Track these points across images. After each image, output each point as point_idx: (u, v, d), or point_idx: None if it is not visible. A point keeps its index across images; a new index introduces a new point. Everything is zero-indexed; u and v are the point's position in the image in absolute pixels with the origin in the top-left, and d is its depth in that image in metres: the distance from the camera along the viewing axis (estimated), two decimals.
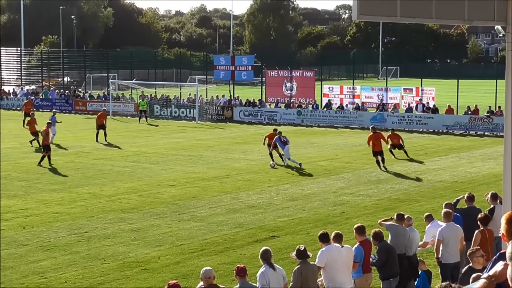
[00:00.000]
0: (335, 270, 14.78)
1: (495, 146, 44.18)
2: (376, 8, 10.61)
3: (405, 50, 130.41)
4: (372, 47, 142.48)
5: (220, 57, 73.80)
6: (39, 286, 18.42)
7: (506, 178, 11.96)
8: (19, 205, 27.62)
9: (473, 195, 19.57)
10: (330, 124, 58.09)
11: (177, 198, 29.04)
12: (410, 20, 12.11)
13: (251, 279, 13.95)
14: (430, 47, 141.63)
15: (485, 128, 53.03)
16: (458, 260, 16.68)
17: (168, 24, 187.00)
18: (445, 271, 16.65)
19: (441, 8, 11.07)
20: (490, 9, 11.52)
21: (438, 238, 16.77)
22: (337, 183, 32.60)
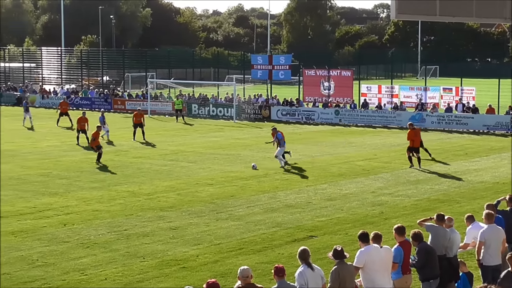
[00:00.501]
0: (373, 271, 14.70)
1: None
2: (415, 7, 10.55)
3: (444, 49, 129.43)
4: (410, 46, 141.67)
5: (258, 56, 73.79)
6: (80, 282, 18.56)
7: None
8: (60, 203, 27.87)
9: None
10: (368, 123, 57.89)
11: (215, 197, 29.10)
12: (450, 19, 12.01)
13: (289, 278, 13.92)
14: (470, 46, 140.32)
15: None
16: (500, 262, 16.49)
17: (206, 23, 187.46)
18: (486, 273, 16.48)
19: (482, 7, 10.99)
20: None
21: (480, 240, 16.60)
22: (376, 183, 32.46)
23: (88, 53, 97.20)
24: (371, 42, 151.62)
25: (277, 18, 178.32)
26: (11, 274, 19.08)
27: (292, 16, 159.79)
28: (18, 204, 27.47)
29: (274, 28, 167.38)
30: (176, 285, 18.31)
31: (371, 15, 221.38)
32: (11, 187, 30.97)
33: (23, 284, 18.40)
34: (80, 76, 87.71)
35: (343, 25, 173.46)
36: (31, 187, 31.04)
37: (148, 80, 72.71)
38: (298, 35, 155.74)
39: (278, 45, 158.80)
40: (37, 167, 36.27)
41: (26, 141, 46.58)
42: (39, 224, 24.46)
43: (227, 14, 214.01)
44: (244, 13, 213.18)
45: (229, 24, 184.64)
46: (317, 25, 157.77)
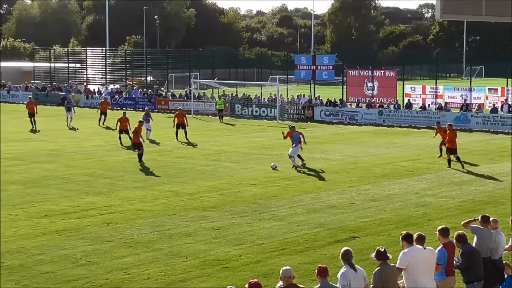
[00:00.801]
0: (417, 272, 14.59)
1: None
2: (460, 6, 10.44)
3: (490, 49, 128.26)
4: (455, 46, 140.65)
5: (301, 56, 73.71)
6: (123, 281, 18.65)
7: None
8: (103, 202, 28.06)
9: None
10: (412, 124, 57.55)
11: (258, 197, 29.10)
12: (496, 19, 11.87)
13: (332, 279, 13.87)
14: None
15: None
16: None
17: (249, 23, 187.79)
18: None
19: None
20: None
21: None
22: (419, 184, 32.24)
23: (132, 53, 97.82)
24: (416, 42, 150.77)
25: (321, 18, 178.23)
26: (55, 273, 19.24)
27: (336, 16, 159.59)
28: (63, 203, 27.71)
29: (318, 28, 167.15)
30: (218, 285, 18.33)
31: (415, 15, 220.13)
32: (55, 186, 31.27)
33: (67, 282, 18.54)
34: (124, 76, 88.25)
35: (387, 25, 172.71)
36: (75, 186, 31.30)
37: (192, 80, 72.95)
38: (342, 35, 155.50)
39: (321, 45, 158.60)
40: (81, 166, 36.57)
41: (70, 140, 47.01)
42: (83, 223, 24.66)
43: (270, 14, 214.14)
44: (288, 13, 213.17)
45: (272, 24, 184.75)
46: (361, 25, 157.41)
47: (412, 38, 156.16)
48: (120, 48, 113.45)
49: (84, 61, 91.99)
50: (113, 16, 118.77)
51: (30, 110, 54.86)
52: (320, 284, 13.28)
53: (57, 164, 37.36)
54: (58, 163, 37.74)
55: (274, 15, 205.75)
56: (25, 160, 38.36)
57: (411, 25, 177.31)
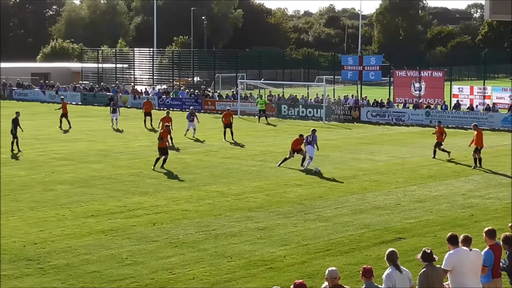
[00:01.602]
0: (462, 274, 14.46)
1: None
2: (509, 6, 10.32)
3: None
4: (504, 46, 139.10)
5: (348, 57, 73.50)
6: (168, 281, 18.73)
7: None
8: (150, 202, 28.22)
9: None
10: (460, 125, 57.07)
11: (303, 198, 29.06)
12: None
13: (377, 280, 13.81)
14: None
15: None
16: None
17: (297, 24, 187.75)
18: None
19: None
20: None
21: None
22: (466, 185, 31.97)
23: (180, 54, 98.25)
24: (464, 42, 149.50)
25: (368, 19, 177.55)
26: (101, 272, 19.39)
27: (383, 16, 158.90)
28: (109, 203, 27.92)
29: (365, 29, 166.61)
30: (263, 285, 18.33)
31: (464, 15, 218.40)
32: (102, 186, 31.52)
33: (113, 282, 18.67)
34: (171, 77, 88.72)
35: (435, 25, 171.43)
36: (122, 186, 31.52)
37: (238, 81, 73.10)
38: (389, 35, 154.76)
39: (369, 45, 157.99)
40: (128, 166, 36.82)
41: (118, 141, 47.36)
42: (129, 223, 24.81)
43: (318, 14, 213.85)
44: (335, 13, 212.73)
45: (320, 24, 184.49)
46: (409, 25, 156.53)
47: (460, 38, 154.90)
48: (167, 48, 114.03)
49: (132, 62, 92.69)
50: (160, 17, 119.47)
51: (64, 111, 55.06)
52: (365, 285, 13.24)
53: (104, 164, 37.66)
54: (106, 163, 38.04)
55: (321, 16, 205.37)
56: (73, 160, 38.72)
57: (459, 25, 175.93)
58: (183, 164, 37.58)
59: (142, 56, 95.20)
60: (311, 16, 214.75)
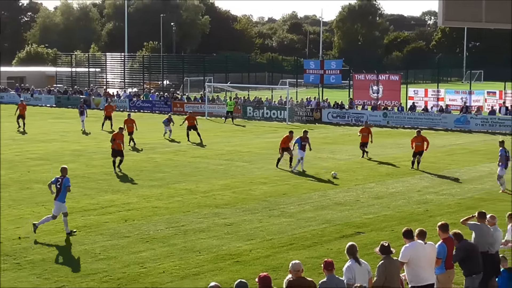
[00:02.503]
0: (418, 266, 14.59)
1: None
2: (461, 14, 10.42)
3: (489, 54, 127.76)
4: (456, 51, 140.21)
5: (310, 61, 73.62)
6: (139, 275, 18.68)
7: None
8: (122, 200, 28.10)
9: None
10: (415, 125, 57.39)
11: (268, 195, 29.09)
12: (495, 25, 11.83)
13: (338, 272, 13.87)
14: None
15: None
16: None
17: (261, 30, 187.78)
18: None
19: None
20: None
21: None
22: (421, 182, 32.20)
23: (150, 58, 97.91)
24: (419, 47, 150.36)
25: (329, 25, 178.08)
26: (75, 267, 19.27)
27: (343, 23, 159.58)
28: (83, 201, 27.76)
29: (326, 35, 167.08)
30: (230, 278, 18.32)
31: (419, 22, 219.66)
32: (76, 184, 31.22)
33: (87, 276, 18.58)
34: (142, 80, 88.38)
35: (392, 31, 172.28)
36: (95, 185, 31.35)
37: (206, 84, 73.00)
38: (349, 41, 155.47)
39: (329, 50, 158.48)
40: (101, 166, 36.61)
41: (91, 141, 47.08)
42: (102, 219, 24.69)
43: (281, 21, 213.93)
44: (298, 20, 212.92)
45: (283, 30, 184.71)
46: (367, 31, 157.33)
47: (415, 44, 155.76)
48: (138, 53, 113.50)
49: (104, 66, 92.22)
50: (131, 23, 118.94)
51: (21, 112, 54.12)
52: (327, 277, 13.29)
53: (78, 163, 37.41)
54: (80, 162, 37.80)
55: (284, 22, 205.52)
56: (48, 160, 38.46)
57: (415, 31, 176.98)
58: (154, 164, 37.46)
59: (114, 60, 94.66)
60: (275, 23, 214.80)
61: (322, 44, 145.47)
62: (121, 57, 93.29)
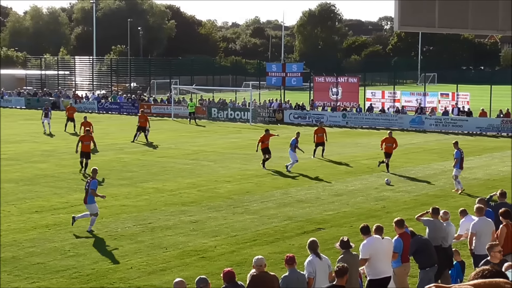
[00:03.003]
0: (376, 260, 14.71)
1: None
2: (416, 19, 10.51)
3: (442, 58, 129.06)
4: (412, 55, 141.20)
5: (272, 64, 73.77)
6: (108, 271, 18.59)
7: None
8: None
9: (505, 191, 19.36)
10: (373, 126, 57.80)
11: (233, 193, 29.10)
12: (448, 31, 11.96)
13: (299, 267, 13.93)
14: (465, 55, 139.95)
15: None
16: None
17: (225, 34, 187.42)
18: (477, 261, 16.41)
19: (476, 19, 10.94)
20: None
21: (471, 231, 16.61)
22: (379, 180, 32.40)
23: (118, 61, 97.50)
24: (376, 51, 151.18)
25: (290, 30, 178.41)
26: (46, 264, 19.15)
27: (304, 28, 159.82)
28: (53, 200, 27.56)
29: (287, 39, 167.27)
30: (196, 273, 18.24)
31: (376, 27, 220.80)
32: (46, 184, 31.09)
33: (56, 272, 18.45)
34: (110, 83, 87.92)
35: (350, 36, 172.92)
36: (65, 184, 31.13)
37: (172, 86, 72.74)
38: (309, 45, 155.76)
39: (291, 54, 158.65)
40: (71, 166, 36.32)
41: (61, 142, 46.71)
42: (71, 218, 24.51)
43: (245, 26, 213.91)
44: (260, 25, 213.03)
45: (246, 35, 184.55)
46: (327, 36, 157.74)
47: (372, 47, 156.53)
48: (106, 56, 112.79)
49: (73, 69, 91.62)
50: (100, 27, 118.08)
51: None
52: (289, 272, 13.34)
53: (48, 163, 37.15)
54: (50, 163, 37.52)
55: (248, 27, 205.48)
56: (19, 160, 38.10)
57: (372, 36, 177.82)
58: (122, 163, 37.29)
59: (82, 63, 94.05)
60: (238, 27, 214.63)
61: (284, 48, 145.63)
62: (90, 60, 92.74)
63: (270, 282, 12.95)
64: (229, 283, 12.67)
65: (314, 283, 13.55)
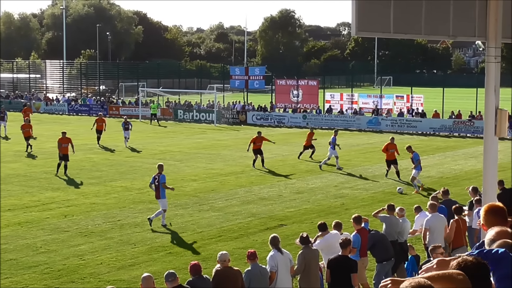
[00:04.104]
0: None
1: (476, 146, 44.02)
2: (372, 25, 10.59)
3: (397, 62, 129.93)
4: (368, 59, 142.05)
5: (236, 68, 73.78)
6: (79, 267, 18.46)
7: (485, 174, 11.94)
8: (62, 197, 27.71)
9: (447, 189, 19.94)
10: (332, 126, 57.99)
11: (198, 191, 29.04)
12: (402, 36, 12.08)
13: (262, 261, 13.94)
14: (419, 60, 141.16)
15: (467, 130, 52.92)
16: (443, 246, 16.62)
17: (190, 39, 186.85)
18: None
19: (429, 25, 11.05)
20: (472, 26, 11.50)
21: (425, 226, 16.77)
22: (338, 178, 32.54)
23: (87, 65, 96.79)
24: (335, 55, 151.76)
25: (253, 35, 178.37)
26: (18, 260, 18.96)
27: (266, 33, 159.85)
28: (25, 198, 27.29)
29: (250, 44, 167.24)
30: (164, 268, 18.21)
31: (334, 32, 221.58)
32: (18, 183, 30.77)
33: (28, 268, 18.28)
34: (80, 86, 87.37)
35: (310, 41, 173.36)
36: (37, 183, 30.84)
37: (140, 89, 72.37)
38: (271, 49, 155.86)
39: (253, 58, 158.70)
40: (42, 165, 36.04)
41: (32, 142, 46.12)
42: (43, 215, 24.32)
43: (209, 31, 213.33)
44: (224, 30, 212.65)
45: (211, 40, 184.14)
46: (287, 40, 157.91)
47: (331, 52, 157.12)
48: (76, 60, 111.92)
49: (44, 72, 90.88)
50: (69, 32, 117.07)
51: None
52: (251, 266, 13.36)
53: (20, 163, 36.77)
54: (21, 162, 37.15)
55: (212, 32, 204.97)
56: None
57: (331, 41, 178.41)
58: (91, 163, 37.02)
59: (53, 67, 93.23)
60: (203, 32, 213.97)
61: (247, 52, 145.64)
62: (60, 64, 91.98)
63: (234, 277, 12.95)
64: (195, 275, 12.66)
65: (276, 276, 13.59)
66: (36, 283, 17.25)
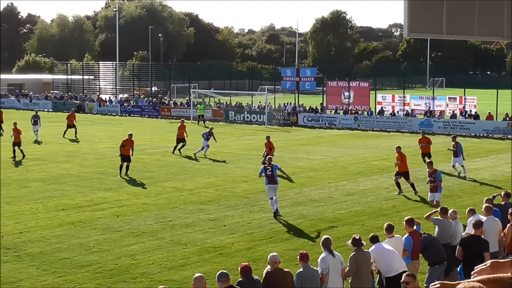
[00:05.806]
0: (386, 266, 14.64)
1: None
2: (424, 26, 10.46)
3: (450, 63, 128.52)
4: (420, 60, 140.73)
5: (287, 69, 73.71)
6: (130, 266, 18.63)
7: None
8: (113, 197, 28.01)
9: (509, 192, 19.25)
10: (383, 128, 57.61)
11: (249, 192, 29.08)
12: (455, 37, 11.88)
13: (313, 263, 13.89)
14: (472, 61, 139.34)
15: None
16: (497, 249, 16.34)
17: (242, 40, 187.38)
18: None
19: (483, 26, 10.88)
20: None
21: None
22: (389, 181, 32.24)
23: (139, 66, 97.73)
24: (386, 57, 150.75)
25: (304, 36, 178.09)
26: (71, 259, 19.21)
27: (317, 34, 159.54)
28: (77, 198, 27.65)
29: (301, 45, 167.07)
30: (214, 269, 18.27)
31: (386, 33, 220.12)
32: (71, 183, 31.20)
33: (81, 267, 18.50)
34: (132, 87, 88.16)
35: (361, 42, 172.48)
36: (89, 183, 31.23)
37: (191, 90, 72.87)
38: (322, 50, 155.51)
39: (304, 59, 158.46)
40: (94, 166, 36.49)
41: (85, 143, 46.87)
42: (95, 215, 24.61)
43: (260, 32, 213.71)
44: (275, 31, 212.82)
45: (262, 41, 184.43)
46: (339, 42, 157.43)
47: (383, 53, 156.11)
48: (128, 62, 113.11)
49: (97, 74, 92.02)
50: (122, 34, 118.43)
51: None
52: (302, 268, 13.31)
53: (73, 164, 37.28)
54: (74, 163, 37.65)
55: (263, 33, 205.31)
56: (45, 160, 38.27)
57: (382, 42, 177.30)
58: (143, 164, 37.34)
59: (106, 68, 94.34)
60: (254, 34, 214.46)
61: (298, 54, 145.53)
62: (113, 66, 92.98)
63: (284, 278, 12.93)
64: (245, 277, 12.66)
65: (327, 278, 13.53)
66: (89, 282, 17.46)
